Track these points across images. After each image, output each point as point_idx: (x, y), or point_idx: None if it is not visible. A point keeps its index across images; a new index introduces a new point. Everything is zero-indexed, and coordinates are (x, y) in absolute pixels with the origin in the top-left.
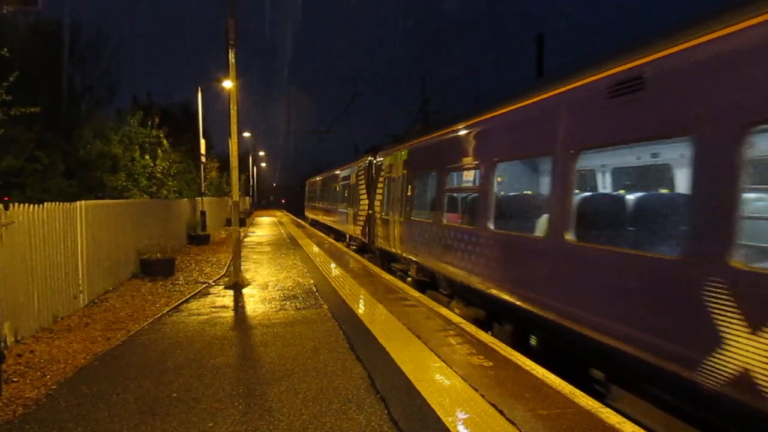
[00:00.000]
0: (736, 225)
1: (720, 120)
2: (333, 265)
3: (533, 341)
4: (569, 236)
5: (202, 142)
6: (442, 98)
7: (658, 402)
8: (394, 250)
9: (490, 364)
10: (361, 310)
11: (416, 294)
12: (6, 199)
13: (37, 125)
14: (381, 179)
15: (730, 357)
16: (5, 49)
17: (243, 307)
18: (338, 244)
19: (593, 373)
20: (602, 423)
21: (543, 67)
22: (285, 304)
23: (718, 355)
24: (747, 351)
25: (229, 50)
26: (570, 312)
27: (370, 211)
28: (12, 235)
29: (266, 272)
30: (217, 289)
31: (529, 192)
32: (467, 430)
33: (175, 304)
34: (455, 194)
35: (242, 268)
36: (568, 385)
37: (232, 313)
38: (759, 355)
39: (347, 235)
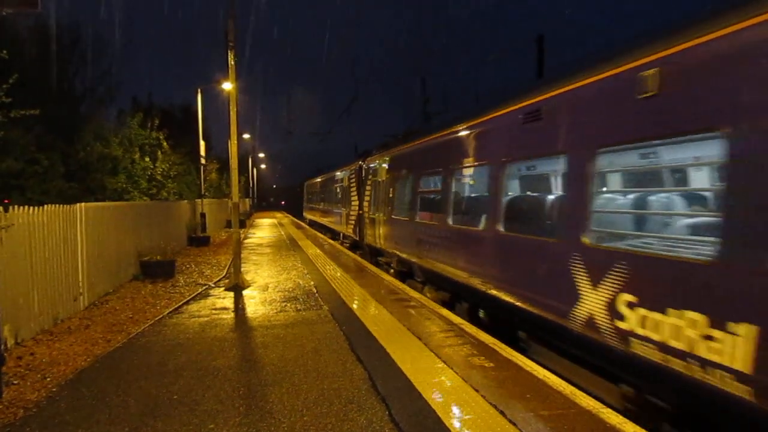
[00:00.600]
0: (587, 216)
1: (581, 144)
2: (333, 266)
3: (481, 314)
4: (500, 227)
5: (202, 143)
6: (443, 98)
7: (562, 352)
8: (379, 245)
9: (491, 364)
10: (361, 311)
11: (416, 295)
12: (6, 201)
13: (37, 127)
14: (369, 182)
15: (584, 306)
16: (5, 51)
17: (243, 308)
18: (337, 245)
19: (520, 334)
20: (603, 423)
21: (543, 68)
22: (285, 305)
23: (578, 306)
24: (591, 301)
25: (229, 52)
26: (501, 286)
27: (360, 211)
28: (12, 238)
29: (266, 274)
30: (217, 290)
31: (476, 194)
32: (469, 431)
33: (176, 306)
34: (425, 195)
35: (242, 269)
36: (569, 385)
37: (232, 315)
38: (598, 303)
39: (341, 234)
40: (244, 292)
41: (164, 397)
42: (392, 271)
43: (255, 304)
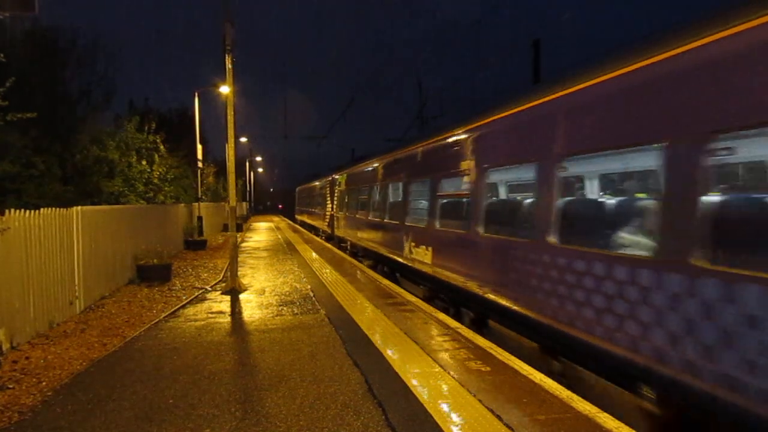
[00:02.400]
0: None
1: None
2: (330, 270)
3: (385, 268)
4: (385, 219)
5: (199, 147)
6: (439, 102)
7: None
8: (341, 235)
9: (488, 368)
10: (358, 315)
11: (413, 299)
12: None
13: (34, 131)
14: (336, 191)
15: (406, 253)
16: (1, 55)
17: (240, 312)
18: (335, 250)
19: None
20: (600, 428)
21: (539, 72)
22: (282, 309)
23: (403, 251)
24: (407, 249)
25: (226, 55)
26: (385, 248)
27: (332, 212)
28: (8, 241)
29: (263, 277)
30: (214, 294)
31: (381, 199)
32: None
33: (172, 310)
34: (359, 199)
35: (239, 273)
36: (565, 389)
37: (229, 319)
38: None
39: (320, 229)
40: (241, 296)
41: (160, 402)
42: (348, 251)
43: (252, 307)
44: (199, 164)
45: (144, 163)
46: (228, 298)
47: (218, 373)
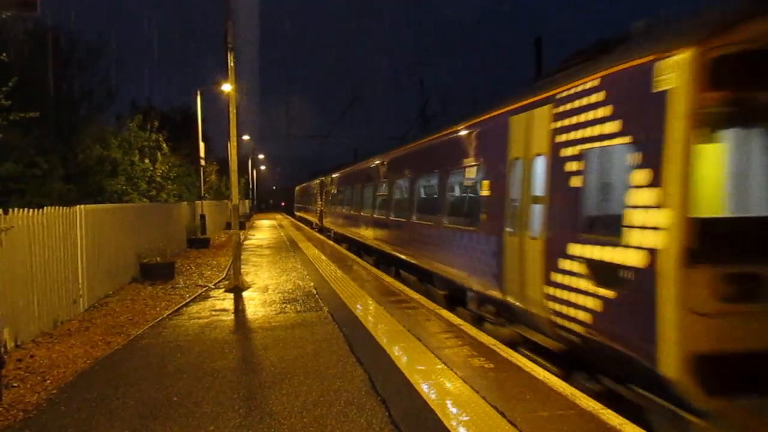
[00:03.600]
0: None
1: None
2: (333, 268)
3: (356, 249)
4: (352, 212)
5: (202, 145)
6: (442, 101)
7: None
8: (326, 226)
9: (491, 365)
10: (361, 312)
11: (416, 296)
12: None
13: (37, 130)
14: (325, 190)
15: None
16: (4, 54)
17: (243, 310)
18: (338, 247)
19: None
20: (604, 425)
21: (542, 70)
22: (285, 307)
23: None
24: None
25: (228, 53)
26: (355, 234)
27: (321, 208)
28: (11, 240)
29: (266, 275)
30: (217, 292)
31: (351, 197)
32: None
33: (176, 308)
34: (338, 198)
35: (242, 271)
36: (569, 386)
37: (232, 317)
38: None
39: (314, 222)
40: (244, 294)
41: (164, 400)
42: (332, 237)
43: (255, 305)
44: (202, 162)
45: (147, 161)
46: (231, 295)
47: (222, 370)
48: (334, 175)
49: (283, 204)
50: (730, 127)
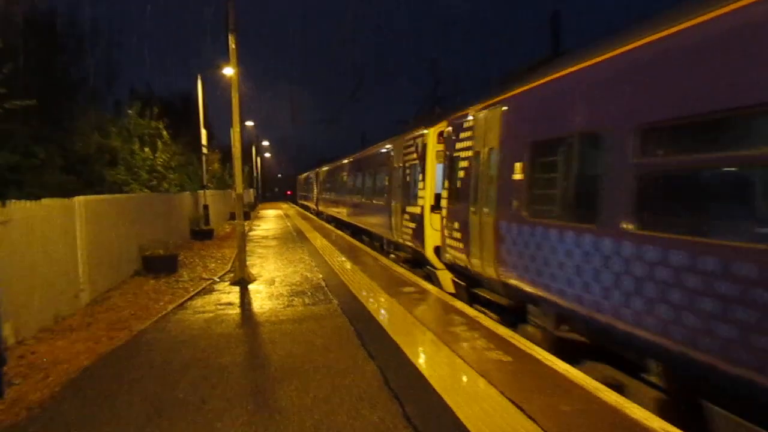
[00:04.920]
0: (356, 192)
1: (348, 171)
2: (342, 259)
3: (347, 230)
4: (332, 197)
5: (204, 132)
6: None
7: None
8: (321, 210)
9: (509, 358)
10: (372, 305)
11: (430, 287)
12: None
13: (34, 119)
14: (319, 180)
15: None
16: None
17: (249, 303)
18: (348, 237)
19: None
20: (628, 418)
21: (559, 47)
22: (293, 300)
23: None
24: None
25: (230, 35)
26: (341, 214)
27: (317, 195)
28: (10, 233)
29: (273, 267)
30: (222, 285)
31: (338, 185)
32: (486, 428)
33: (180, 302)
34: (327, 186)
35: (248, 263)
36: (592, 380)
37: (238, 310)
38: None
39: (311, 208)
40: (250, 287)
41: (170, 396)
42: (323, 218)
43: (261, 298)
44: (204, 150)
45: (147, 150)
46: (237, 288)
47: (228, 366)
48: (324, 168)
49: (288, 193)
50: (440, 160)
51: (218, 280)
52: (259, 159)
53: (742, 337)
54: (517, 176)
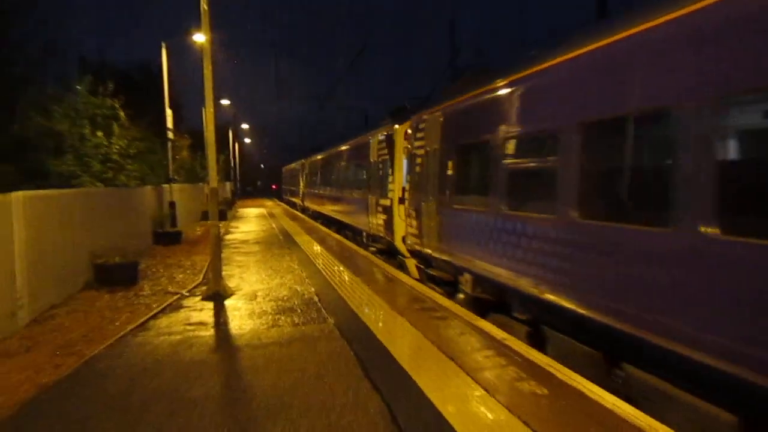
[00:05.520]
0: (328, 186)
1: (321, 165)
2: (340, 268)
3: (333, 227)
4: (318, 191)
5: (169, 113)
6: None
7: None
8: (307, 205)
9: (545, 391)
10: (377, 324)
11: (448, 303)
12: None
13: None
14: (305, 172)
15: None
16: None
17: (226, 323)
18: (346, 242)
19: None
20: None
21: (606, 7)
22: (279, 318)
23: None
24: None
25: None
26: (324, 208)
27: (303, 189)
28: None
29: (255, 278)
30: (192, 300)
31: (321, 180)
32: None
33: (141, 321)
34: (312, 179)
35: (224, 273)
36: (645, 416)
37: (212, 332)
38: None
39: (297, 203)
40: (227, 302)
41: None
42: (306, 213)
43: (241, 317)
44: (170, 135)
45: (100, 134)
46: (210, 305)
47: (201, 401)
48: (310, 159)
49: (274, 187)
50: (407, 155)
51: (188, 294)
52: (237, 145)
53: (554, 277)
54: (449, 172)
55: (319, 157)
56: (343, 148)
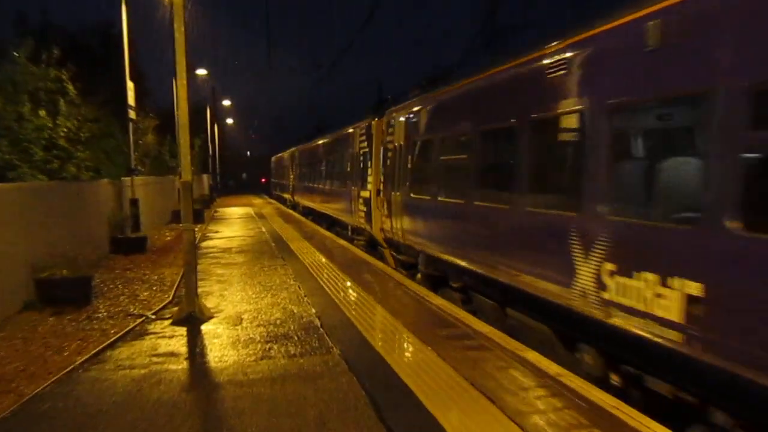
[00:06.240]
0: (310, 179)
1: (297, 161)
2: (346, 283)
3: (324, 222)
4: (300, 182)
5: (130, 86)
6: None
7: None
8: (297, 201)
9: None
10: (394, 355)
11: (485, 329)
12: None
13: None
14: (293, 163)
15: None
16: None
17: (203, 353)
18: (353, 248)
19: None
20: None
21: None
22: (271, 347)
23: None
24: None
25: None
26: (307, 198)
27: (293, 183)
28: None
29: (239, 297)
30: (160, 325)
31: (309, 173)
32: None
33: (95, 351)
34: (303, 171)
35: (201, 290)
36: None
37: (185, 364)
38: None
39: (287, 199)
40: (204, 327)
41: None
42: (296, 208)
43: (222, 346)
44: (131, 114)
45: (43, 114)
46: (183, 330)
47: None
48: (301, 148)
49: (263, 180)
50: (385, 147)
51: (154, 317)
52: (217, 128)
53: (468, 249)
54: (409, 165)
55: (309, 146)
56: (330, 138)
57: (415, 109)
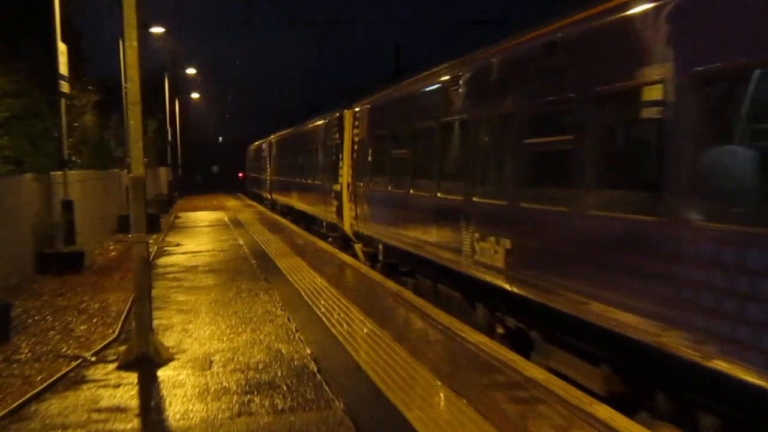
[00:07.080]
0: (287, 174)
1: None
2: (351, 315)
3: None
4: (278, 177)
5: (63, 49)
6: None
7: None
8: (275, 198)
9: None
10: (418, 412)
11: (540, 376)
12: None
13: None
14: (270, 154)
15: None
16: None
17: (160, 408)
18: (358, 264)
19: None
20: None
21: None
22: (251, 400)
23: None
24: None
25: None
26: (285, 195)
27: (270, 177)
28: None
29: (207, 332)
30: (103, 370)
31: (288, 167)
32: None
33: (15, 405)
34: (281, 164)
35: (157, 323)
36: None
37: (136, 424)
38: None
39: (264, 197)
40: (161, 373)
41: None
42: (278, 210)
43: (185, 398)
44: (64, 87)
45: None
46: (134, 377)
47: None
48: (279, 135)
49: (241, 175)
50: (356, 141)
51: (94, 359)
52: (179, 105)
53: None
54: (370, 158)
55: (286, 133)
56: (306, 128)
57: (372, 106)
